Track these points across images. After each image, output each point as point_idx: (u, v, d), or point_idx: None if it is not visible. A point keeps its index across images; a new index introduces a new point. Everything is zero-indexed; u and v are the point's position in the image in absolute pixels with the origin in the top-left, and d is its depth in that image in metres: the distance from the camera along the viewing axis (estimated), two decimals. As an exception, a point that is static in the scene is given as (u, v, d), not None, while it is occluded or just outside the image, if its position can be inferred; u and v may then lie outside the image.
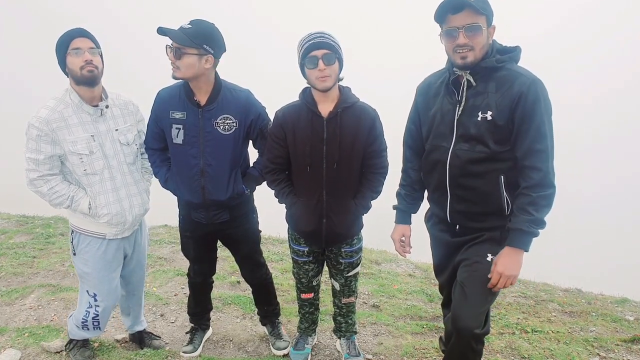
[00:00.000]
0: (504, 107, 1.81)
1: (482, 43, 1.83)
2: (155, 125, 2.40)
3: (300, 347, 2.77)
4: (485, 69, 1.86)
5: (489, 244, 1.96)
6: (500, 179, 1.88)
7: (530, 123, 1.79)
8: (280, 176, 2.41)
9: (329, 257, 2.55)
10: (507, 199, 1.90)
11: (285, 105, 2.36)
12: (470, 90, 1.89)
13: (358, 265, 2.59)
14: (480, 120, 1.85)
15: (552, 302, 3.95)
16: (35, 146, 2.14)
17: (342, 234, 2.42)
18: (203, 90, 2.31)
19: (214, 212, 2.48)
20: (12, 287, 3.85)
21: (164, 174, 2.47)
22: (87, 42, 2.15)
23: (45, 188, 2.21)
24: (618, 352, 3.06)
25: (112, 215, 2.32)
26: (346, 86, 2.30)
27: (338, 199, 2.32)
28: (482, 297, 1.95)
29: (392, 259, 5.01)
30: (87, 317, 2.47)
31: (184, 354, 2.77)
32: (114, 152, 2.33)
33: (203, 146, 2.34)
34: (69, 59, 2.15)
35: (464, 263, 2.01)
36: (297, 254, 2.57)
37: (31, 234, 5.32)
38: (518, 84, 1.80)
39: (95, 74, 2.16)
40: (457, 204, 2.00)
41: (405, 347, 2.97)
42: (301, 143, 2.26)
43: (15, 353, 2.70)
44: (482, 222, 1.98)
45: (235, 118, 2.36)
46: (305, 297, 2.70)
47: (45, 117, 2.13)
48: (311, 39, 2.13)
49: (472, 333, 1.90)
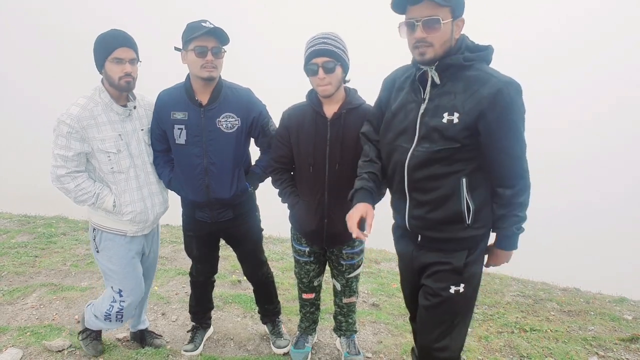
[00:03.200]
0: (472, 110, 1.65)
1: (443, 39, 1.66)
2: (157, 126, 2.42)
3: (300, 346, 2.79)
4: (452, 67, 1.69)
5: (450, 274, 1.86)
6: (461, 181, 1.76)
7: (507, 128, 1.67)
8: (284, 176, 2.43)
9: (330, 258, 2.57)
10: (468, 203, 1.77)
11: (291, 106, 2.38)
12: (436, 89, 1.74)
13: (359, 267, 2.60)
14: (446, 123, 1.69)
15: (550, 301, 3.97)
16: (65, 143, 2.16)
17: (342, 234, 2.42)
18: (207, 89, 2.33)
19: (218, 211, 2.50)
20: (14, 286, 3.87)
21: (167, 174, 2.48)
22: (130, 53, 2.18)
23: (72, 185, 2.23)
24: (616, 351, 3.07)
25: (136, 213, 2.36)
26: (352, 88, 2.31)
27: (340, 199, 2.31)
28: (446, 325, 1.92)
29: (391, 258, 5.03)
30: (111, 310, 2.49)
31: (185, 352, 2.79)
32: (139, 152, 2.37)
33: (206, 145, 2.35)
34: (109, 65, 2.17)
35: (427, 291, 1.92)
36: (298, 254, 2.58)
37: (33, 233, 5.34)
38: (489, 86, 1.64)
39: (131, 85, 2.22)
40: (415, 208, 1.86)
41: (404, 346, 2.98)
42: (305, 143, 2.28)
43: (17, 352, 2.72)
44: (441, 232, 1.84)
45: (238, 116, 2.38)
46: (307, 297, 2.72)
47: (77, 114, 2.15)
48: (314, 44, 2.11)
49: (436, 355, 1.93)
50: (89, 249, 4.80)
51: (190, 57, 2.22)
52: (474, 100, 1.66)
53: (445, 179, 1.77)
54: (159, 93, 2.44)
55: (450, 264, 1.85)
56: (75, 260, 4.51)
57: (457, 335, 1.95)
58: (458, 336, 1.96)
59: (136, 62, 2.23)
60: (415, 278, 2.02)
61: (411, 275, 2.04)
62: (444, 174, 1.76)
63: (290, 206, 2.44)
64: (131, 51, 2.19)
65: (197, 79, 2.28)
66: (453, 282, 1.86)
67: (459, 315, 1.92)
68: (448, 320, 1.91)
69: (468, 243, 1.85)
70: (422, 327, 2.00)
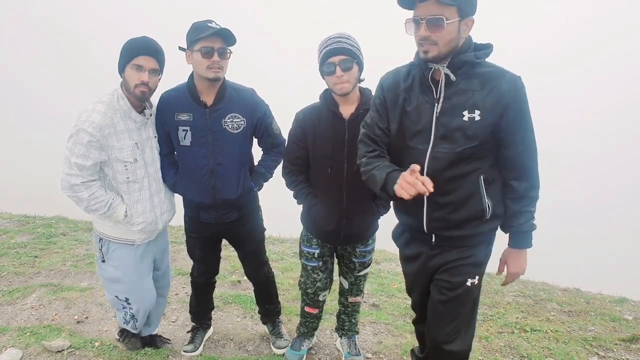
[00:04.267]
0: (495, 106, 1.67)
1: (448, 38, 1.64)
2: (161, 128, 2.39)
3: (296, 348, 2.78)
4: (466, 65, 1.69)
5: (470, 267, 1.88)
6: (480, 180, 1.77)
7: (524, 123, 1.72)
8: (300, 177, 2.41)
9: (342, 255, 2.54)
10: (487, 200, 1.79)
11: (305, 107, 2.36)
12: (451, 88, 1.72)
13: (369, 266, 2.59)
14: (468, 121, 1.69)
15: (551, 302, 3.97)
16: (84, 152, 2.09)
17: (359, 234, 2.43)
18: (212, 90, 2.32)
19: (223, 212, 2.49)
20: (13, 286, 3.87)
21: (172, 177, 2.46)
22: (152, 62, 2.13)
23: (86, 194, 2.15)
24: (617, 351, 3.07)
25: (147, 223, 2.33)
26: (367, 87, 2.28)
27: (358, 200, 2.31)
28: (461, 318, 1.92)
29: (391, 259, 5.03)
30: (126, 316, 2.54)
31: (185, 352, 2.78)
32: (152, 160, 2.34)
33: (212, 146, 2.34)
34: (128, 71, 2.12)
35: (442, 285, 1.91)
36: (306, 258, 2.54)
37: (33, 233, 5.33)
38: (507, 81, 1.67)
39: (146, 96, 2.17)
40: (436, 211, 1.83)
41: (404, 346, 2.98)
42: (322, 145, 2.25)
43: (17, 352, 2.71)
44: (463, 230, 1.84)
45: (243, 116, 2.38)
46: (309, 311, 2.68)
47: (99, 122, 2.09)
48: (329, 44, 2.10)
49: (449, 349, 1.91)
50: (89, 249, 4.80)
51: (196, 58, 2.21)
52: (495, 96, 1.67)
53: (466, 178, 1.77)
54: (161, 94, 2.42)
55: (470, 257, 1.88)
56: (75, 260, 4.51)
57: (470, 327, 1.98)
58: (470, 328, 1.98)
59: (158, 73, 2.18)
60: (429, 278, 2.01)
61: (424, 276, 2.02)
62: (464, 174, 1.76)
63: (308, 207, 2.42)
64: (153, 61, 2.13)
65: (203, 80, 2.27)
66: (471, 275, 1.88)
67: (474, 306, 1.97)
68: (463, 312, 1.92)
69: (486, 236, 1.89)
70: (435, 322, 1.97)
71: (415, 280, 2.11)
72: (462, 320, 1.93)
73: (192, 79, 2.33)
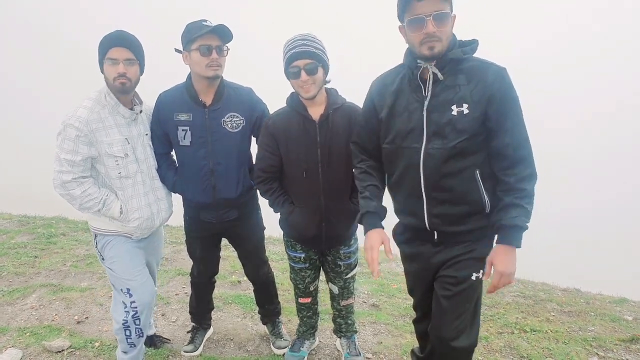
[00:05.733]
0: (480, 99, 1.70)
1: (449, 33, 1.72)
2: (159, 128, 2.40)
3: (295, 349, 2.77)
4: (452, 61, 1.73)
5: (474, 261, 1.87)
6: (476, 174, 1.78)
7: (512, 111, 1.72)
8: (274, 185, 2.39)
9: (326, 260, 2.55)
10: (485, 194, 1.79)
11: (273, 114, 2.35)
12: (439, 85, 1.75)
13: (356, 267, 2.59)
14: (457, 115, 1.72)
15: (550, 302, 3.96)
16: (73, 147, 2.09)
17: (341, 235, 2.43)
18: (210, 89, 2.32)
19: (223, 211, 2.49)
20: (13, 286, 3.87)
21: (171, 178, 2.46)
22: (124, 52, 2.12)
23: (78, 191, 2.14)
24: (617, 351, 3.07)
25: (143, 219, 2.32)
26: (332, 88, 2.28)
27: (336, 201, 2.31)
28: (466, 313, 1.92)
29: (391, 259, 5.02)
30: (127, 317, 2.32)
31: (184, 353, 2.79)
32: (144, 157, 2.33)
33: (212, 146, 2.35)
34: (105, 66, 2.13)
35: (447, 280, 1.91)
36: (293, 261, 2.56)
37: (33, 234, 5.34)
38: (491, 72, 1.70)
39: (127, 86, 2.16)
40: (435, 207, 1.85)
41: (404, 346, 2.98)
42: (295, 149, 2.24)
43: (17, 352, 2.72)
44: (463, 225, 1.85)
45: (242, 116, 2.38)
46: (303, 301, 2.70)
47: (86, 117, 2.10)
48: (293, 47, 2.08)
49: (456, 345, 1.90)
50: (89, 249, 4.80)
51: (195, 57, 2.21)
52: (481, 88, 1.70)
53: (462, 173, 1.78)
54: (159, 95, 2.42)
55: (474, 252, 1.88)
56: (75, 260, 4.51)
57: (475, 322, 1.98)
58: (475, 323, 1.98)
59: (134, 62, 2.17)
60: (432, 276, 2.01)
61: (427, 274, 2.03)
62: (460, 169, 1.78)
63: (286, 215, 2.40)
64: (126, 51, 2.13)
65: (201, 79, 2.27)
66: (475, 269, 1.88)
67: (478, 300, 1.97)
68: (468, 307, 1.92)
69: (488, 231, 1.87)
70: (441, 319, 1.96)
71: (418, 279, 2.11)
72: (467, 315, 1.93)
73: (190, 79, 2.34)
